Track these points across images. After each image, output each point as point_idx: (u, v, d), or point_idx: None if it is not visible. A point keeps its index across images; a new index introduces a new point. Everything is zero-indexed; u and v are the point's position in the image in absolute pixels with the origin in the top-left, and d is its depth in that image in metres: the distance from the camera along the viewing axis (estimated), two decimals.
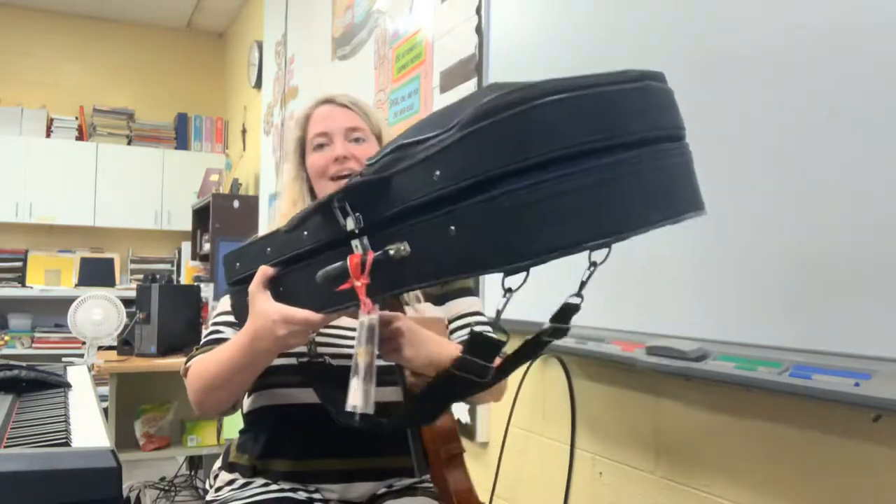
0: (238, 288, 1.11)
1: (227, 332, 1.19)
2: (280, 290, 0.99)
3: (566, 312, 0.82)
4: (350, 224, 0.79)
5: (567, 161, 0.60)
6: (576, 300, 0.80)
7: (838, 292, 1.02)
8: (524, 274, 0.66)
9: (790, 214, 1.10)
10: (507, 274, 0.66)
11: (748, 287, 1.14)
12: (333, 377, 1.06)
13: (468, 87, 2.03)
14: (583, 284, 0.78)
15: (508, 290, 0.71)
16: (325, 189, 1.24)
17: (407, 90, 2.45)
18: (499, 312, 0.72)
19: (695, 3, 1.29)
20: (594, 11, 1.54)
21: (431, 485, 1.22)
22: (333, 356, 1.11)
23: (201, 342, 1.21)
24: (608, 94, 0.64)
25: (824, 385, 0.99)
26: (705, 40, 1.27)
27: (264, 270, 1.00)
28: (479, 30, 2.00)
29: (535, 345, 0.86)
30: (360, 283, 0.76)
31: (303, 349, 1.08)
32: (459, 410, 1.93)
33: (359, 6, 2.91)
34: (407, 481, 1.21)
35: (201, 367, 1.12)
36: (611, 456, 1.54)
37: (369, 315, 0.81)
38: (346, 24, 3.04)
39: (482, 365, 0.74)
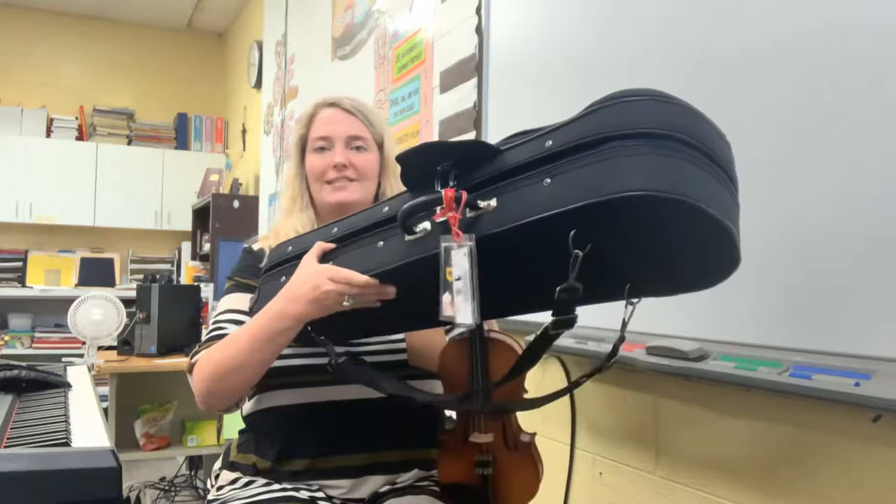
0: (273, 272, 1.11)
1: (232, 328, 1.18)
2: (330, 265, 1.01)
3: (616, 349, 0.94)
4: (442, 185, 0.85)
5: (655, 137, 0.74)
6: (621, 335, 0.93)
7: (838, 292, 1.02)
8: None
9: (790, 214, 1.10)
10: (578, 229, 0.76)
11: (748, 287, 1.14)
12: (368, 372, 1.09)
13: (468, 87, 2.03)
14: (625, 324, 0.91)
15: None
16: (320, 193, 1.25)
17: (407, 90, 2.45)
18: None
19: (695, 3, 1.29)
20: (594, 11, 1.54)
21: (435, 482, 1.22)
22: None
23: (203, 339, 1.19)
24: (697, 112, 0.79)
25: (824, 385, 0.99)
26: (705, 40, 1.27)
27: (323, 245, 1.01)
28: (479, 30, 1.99)
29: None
30: (452, 215, 0.83)
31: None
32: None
33: (359, 6, 2.91)
34: (417, 473, 1.22)
35: (213, 357, 1.10)
36: (611, 456, 1.54)
37: (468, 243, 0.84)
38: (346, 24, 3.04)
39: (570, 318, 0.85)
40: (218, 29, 5.88)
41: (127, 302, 3.37)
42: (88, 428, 1.15)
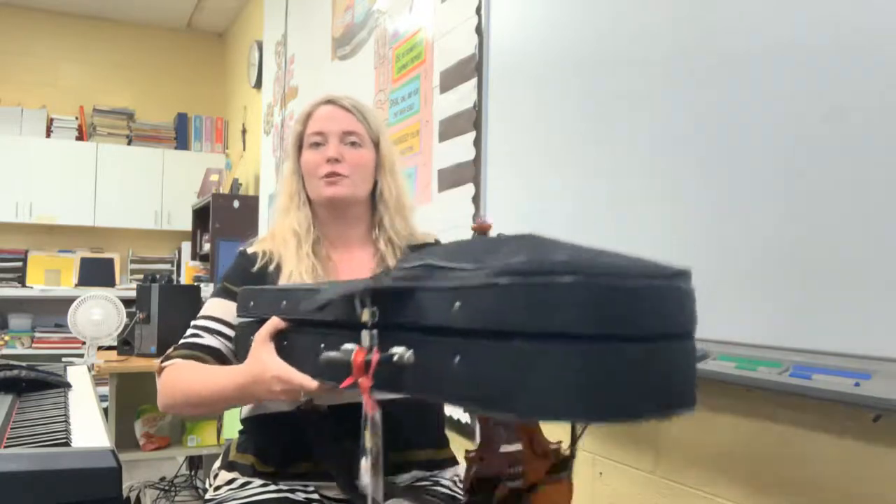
0: (245, 322, 1.14)
1: (207, 338, 1.21)
2: (284, 343, 1.01)
3: (565, 463, 0.91)
4: (366, 316, 0.80)
5: (576, 340, 0.59)
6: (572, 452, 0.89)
7: (838, 292, 1.02)
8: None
9: (790, 214, 1.10)
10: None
11: (748, 287, 1.14)
12: (330, 425, 1.10)
13: (468, 87, 2.03)
14: (575, 440, 0.87)
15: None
16: (316, 187, 1.26)
17: (407, 90, 2.45)
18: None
19: (696, 3, 1.29)
20: (594, 11, 1.54)
21: (435, 483, 1.22)
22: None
23: (180, 341, 1.23)
24: (644, 289, 0.65)
25: (824, 385, 1.00)
26: (706, 40, 1.27)
27: (276, 323, 1.02)
28: (479, 30, 1.99)
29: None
30: (361, 381, 0.78)
31: None
32: (458, 412, 1.93)
33: (359, 6, 2.91)
34: (415, 474, 1.21)
35: (182, 381, 1.15)
36: (611, 456, 1.54)
37: (376, 415, 0.82)
38: (346, 24, 3.04)
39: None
40: (218, 29, 5.88)
41: (127, 302, 3.37)
42: (88, 428, 1.15)
